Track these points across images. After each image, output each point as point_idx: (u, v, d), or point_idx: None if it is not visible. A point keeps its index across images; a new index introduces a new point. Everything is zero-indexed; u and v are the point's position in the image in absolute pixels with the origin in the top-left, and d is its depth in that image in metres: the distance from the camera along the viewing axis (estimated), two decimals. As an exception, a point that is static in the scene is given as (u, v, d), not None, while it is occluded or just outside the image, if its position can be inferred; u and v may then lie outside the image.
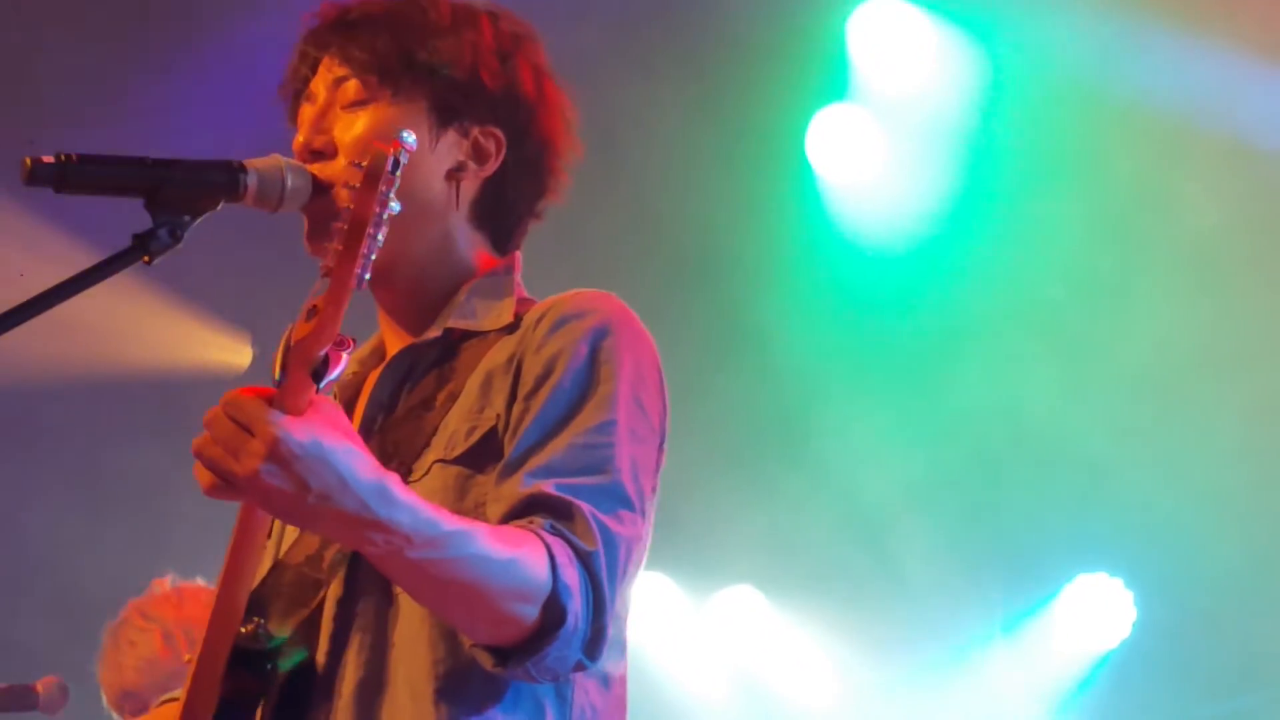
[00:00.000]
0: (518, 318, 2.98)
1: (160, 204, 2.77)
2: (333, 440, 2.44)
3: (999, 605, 8.90)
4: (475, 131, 3.07)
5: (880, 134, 8.39)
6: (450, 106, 3.05)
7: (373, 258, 2.44)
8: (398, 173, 2.43)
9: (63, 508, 8.44)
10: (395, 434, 2.89)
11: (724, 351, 8.26)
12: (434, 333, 3.00)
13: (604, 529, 2.70)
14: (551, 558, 2.61)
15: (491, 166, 3.08)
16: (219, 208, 2.83)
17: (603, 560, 2.68)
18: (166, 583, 5.61)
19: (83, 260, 2.77)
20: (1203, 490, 8.12)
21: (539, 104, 3.13)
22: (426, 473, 2.83)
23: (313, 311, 2.45)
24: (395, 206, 2.44)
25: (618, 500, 2.76)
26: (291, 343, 2.47)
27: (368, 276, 2.45)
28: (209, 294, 8.32)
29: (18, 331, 2.73)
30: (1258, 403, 8.10)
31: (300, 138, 3.04)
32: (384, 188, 2.43)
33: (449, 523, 2.54)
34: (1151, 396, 8.14)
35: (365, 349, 3.16)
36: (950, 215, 8.29)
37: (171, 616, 5.50)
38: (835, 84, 8.35)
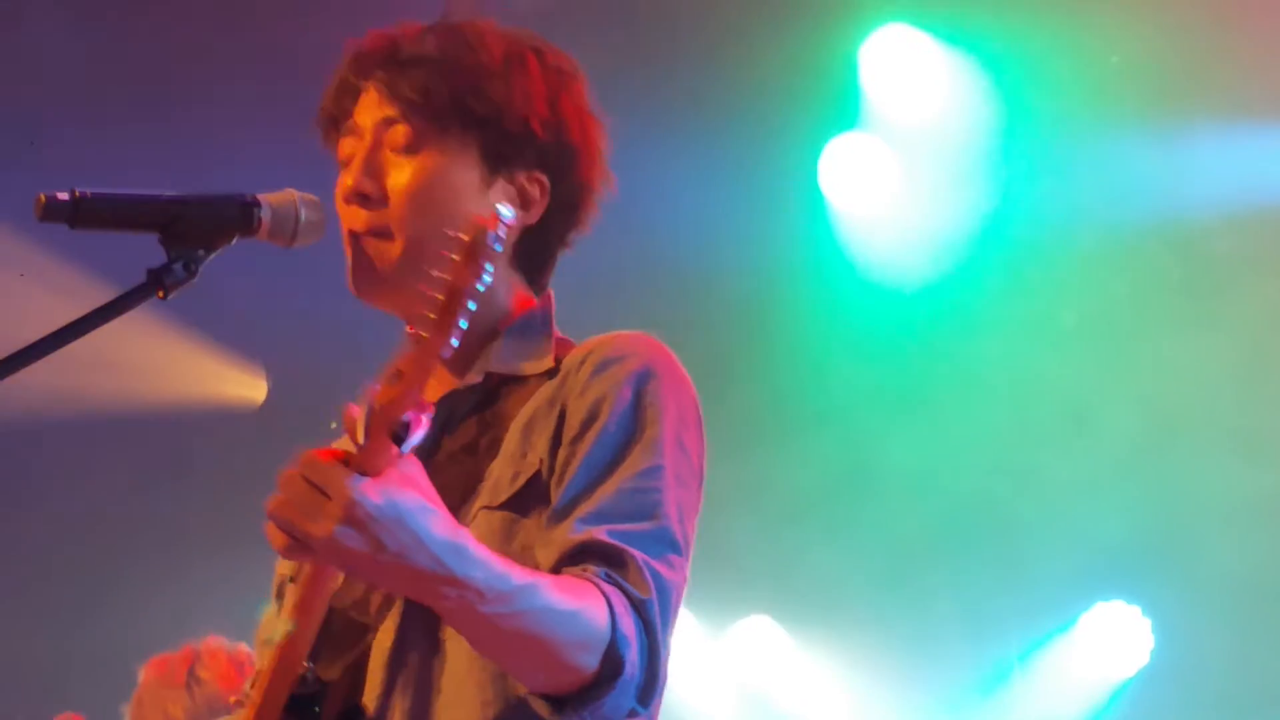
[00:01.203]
0: (557, 361, 2.99)
1: (174, 239, 2.77)
2: (409, 501, 2.45)
3: (1016, 634, 8.87)
4: (521, 177, 3.07)
5: (893, 162, 8.39)
6: (501, 155, 3.04)
7: (465, 327, 2.46)
8: (499, 247, 2.43)
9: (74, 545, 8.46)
10: (438, 479, 2.87)
11: (740, 385, 8.24)
12: (474, 378, 3.00)
13: (656, 576, 2.72)
14: (610, 608, 2.63)
15: (536, 213, 3.08)
16: (233, 242, 2.83)
17: (656, 608, 2.70)
18: (187, 656, 5.60)
19: (97, 296, 2.77)
20: (1221, 517, 8.10)
21: (583, 146, 3.12)
22: (473, 519, 2.83)
23: (397, 376, 2.45)
24: (488, 280, 2.44)
25: (667, 545, 2.78)
26: (374, 406, 2.45)
27: (456, 344, 2.45)
28: (224, 329, 8.33)
29: (33, 368, 2.73)
30: (1277, 430, 8.08)
31: (349, 180, 3.02)
32: (484, 261, 2.42)
33: (518, 576, 2.55)
34: (1169, 424, 8.13)
35: None
36: (963, 242, 8.28)
37: (185, 701, 5.50)
38: (847, 113, 8.36)
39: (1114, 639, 8.63)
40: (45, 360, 2.73)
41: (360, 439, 2.44)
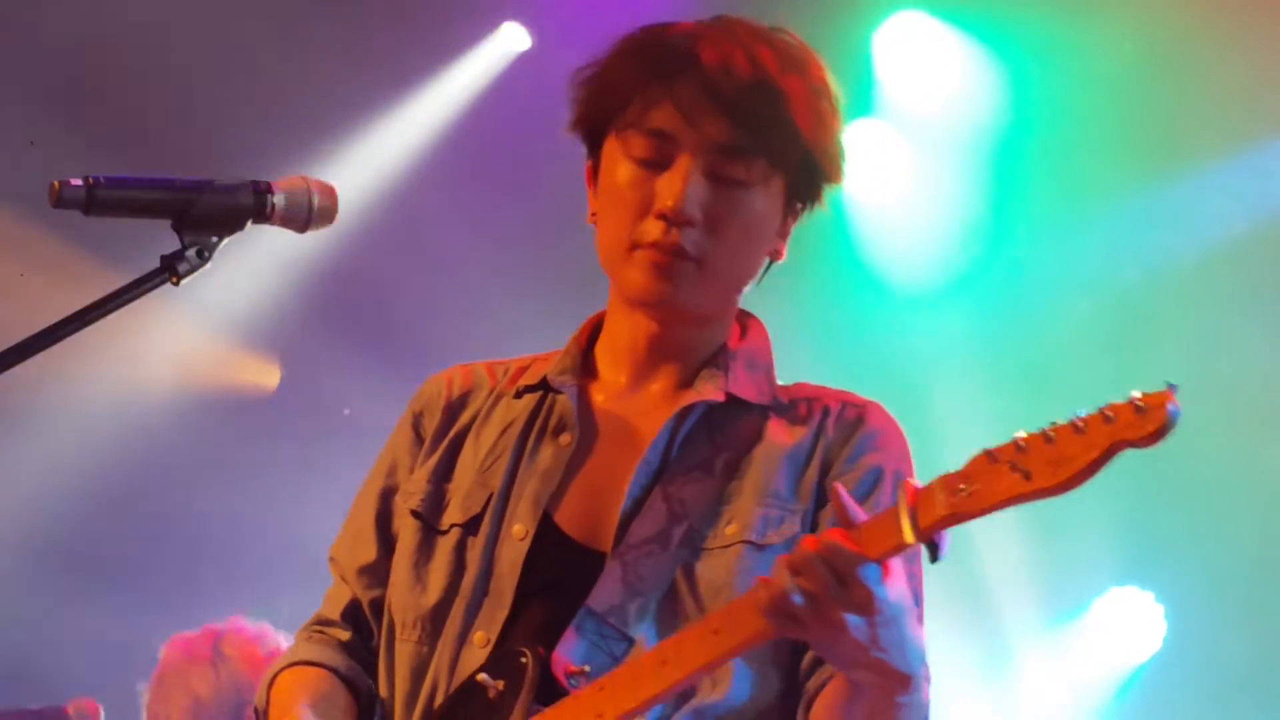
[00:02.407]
0: (788, 399, 3.08)
1: (188, 225, 2.78)
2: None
3: (1029, 620, 8.87)
4: (799, 208, 3.12)
5: (906, 150, 8.38)
6: (801, 195, 3.09)
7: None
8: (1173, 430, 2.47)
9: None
10: (680, 491, 2.93)
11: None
12: (716, 395, 3.02)
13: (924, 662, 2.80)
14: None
15: (786, 243, 3.14)
16: (246, 228, 2.84)
17: (926, 685, 2.79)
18: (209, 637, 5.60)
19: (110, 282, 2.78)
20: (1235, 503, 8.09)
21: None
22: (729, 547, 2.89)
23: (960, 490, 2.56)
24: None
25: (920, 626, 2.86)
26: (936, 511, 2.54)
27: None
28: (237, 315, 8.34)
29: (47, 354, 2.74)
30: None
31: (676, 202, 2.96)
32: (1158, 441, 2.54)
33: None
34: (1184, 407, 8.10)
35: (567, 358, 3.15)
36: (976, 231, 8.28)
37: (211, 679, 5.50)
38: (861, 100, 8.35)
39: (1127, 625, 8.63)
40: (59, 345, 2.73)
41: (909, 536, 2.51)
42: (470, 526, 3.02)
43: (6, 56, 7.79)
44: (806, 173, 3.04)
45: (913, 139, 8.38)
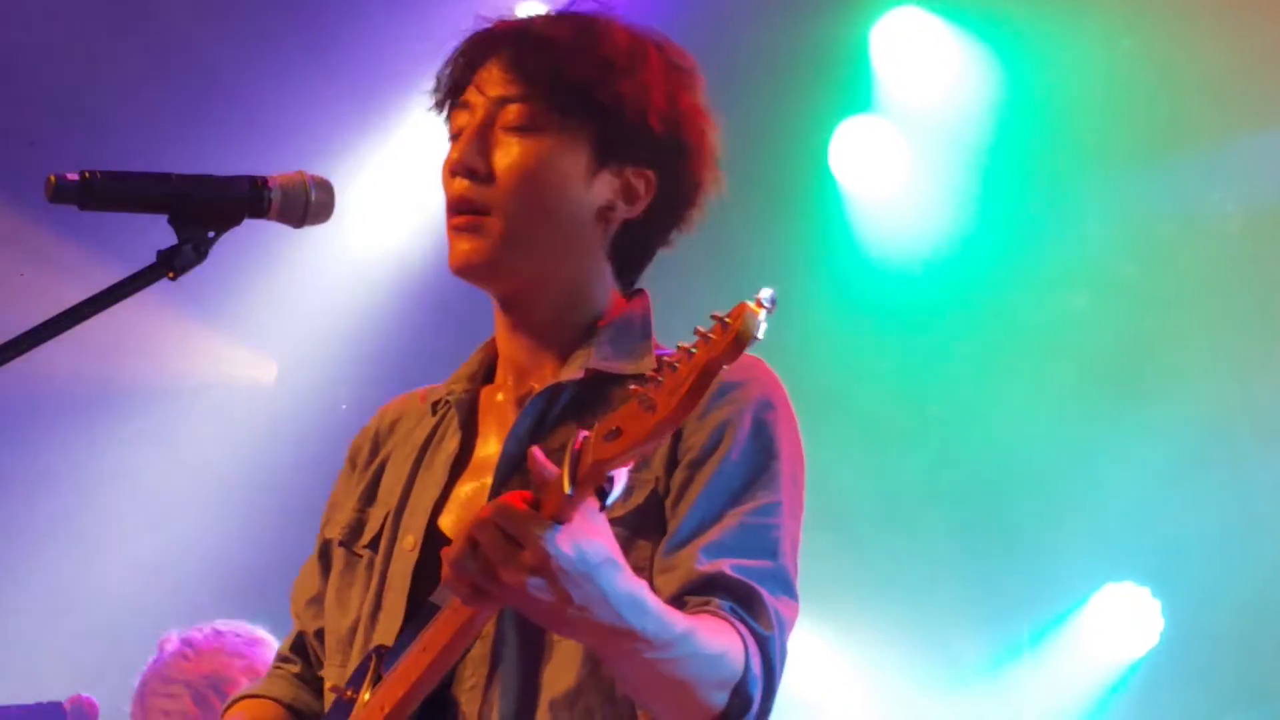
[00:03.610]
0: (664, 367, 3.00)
1: (184, 219, 2.78)
2: (597, 554, 2.46)
3: (1026, 616, 8.88)
4: (629, 172, 3.07)
5: (904, 145, 8.38)
6: (613, 147, 3.04)
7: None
8: (761, 335, 2.43)
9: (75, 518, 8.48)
10: None
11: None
12: (577, 373, 3.00)
13: (777, 615, 2.79)
14: (745, 646, 2.71)
15: (639, 208, 3.09)
16: (243, 223, 2.84)
17: (777, 645, 2.78)
18: (174, 640, 5.59)
19: (107, 277, 2.78)
20: (1231, 498, 8.10)
21: (699, 146, 3.14)
22: None
23: (615, 434, 2.43)
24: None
25: (783, 585, 2.84)
26: (587, 459, 2.44)
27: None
28: (234, 309, 8.34)
29: (43, 348, 2.74)
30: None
31: (455, 155, 3.03)
32: (745, 349, 2.43)
33: (680, 624, 2.61)
34: (1177, 404, 8.12)
35: (472, 364, 3.17)
36: (973, 226, 8.28)
37: (195, 674, 5.49)
38: (858, 95, 8.35)
39: (1124, 620, 8.63)
40: (56, 340, 2.73)
41: (567, 487, 2.43)
42: (374, 545, 3.08)
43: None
44: (608, 121, 3.03)
45: (910, 134, 8.38)
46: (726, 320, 2.41)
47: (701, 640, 2.63)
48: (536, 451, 2.51)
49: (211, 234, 2.80)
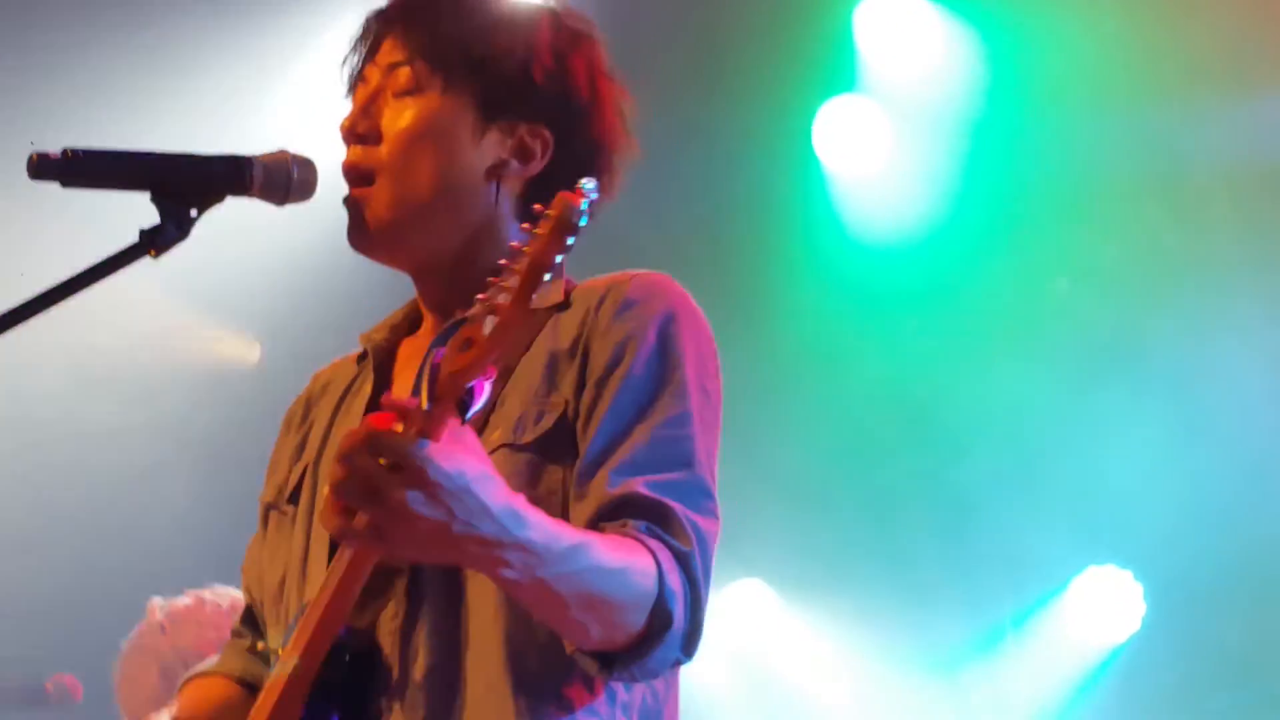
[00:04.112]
0: (568, 296, 2.98)
1: (166, 197, 2.76)
2: (473, 468, 2.43)
3: (1008, 599, 8.89)
4: (522, 130, 3.04)
5: (887, 125, 8.37)
6: (498, 102, 3.03)
7: (536, 299, 2.46)
8: (584, 222, 2.42)
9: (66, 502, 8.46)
10: None
11: (731, 346, 8.18)
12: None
13: (695, 528, 2.73)
14: (658, 563, 2.64)
15: (536, 166, 3.06)
16: (225, 200, 2.82)
17: (698, 559, 2.72)
18: (156, 609, 5.58)
19: (88, 255, 2.76)
20: (1213, 482, 8.11)
21: (593, 104, 3.11)
22: (492, 453, 2.78)
23: (468, 344, 2.44)
24: (567, 254, 2.45)
25: (701, 493, 2.79)
26: (442, 372, 2.44)
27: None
28: (216, 289, 8.31)
29: (22, 328, 2.72)
30: (1267, 395, 8.09)
31: (347, 121, 3.04)
32: (569, 237, 2.42)
33: (569, 537, 2.56)
34: (1160, 389, 8.13)
35: (397, 315, 3.17)
36: (957, 207, 8.28)
37: (166, 647, 5.48)
38: (842, 75, 8.34)
39: (1106, 604, 8.65)
40: (37, 319, 2.72)
41: (424, 403, 2.42)
42: (294, 499, 3.06)
43: None
44: (489, 75, 3.03)
45: (894, 114, 8.37)
46: (548, 212, 2.43)
47: (599, 554, 2.58)
48: (387, 397, 2.47)
49: (194, 212, 2.78)
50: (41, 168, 2.72)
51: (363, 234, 3.00)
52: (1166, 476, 8.15)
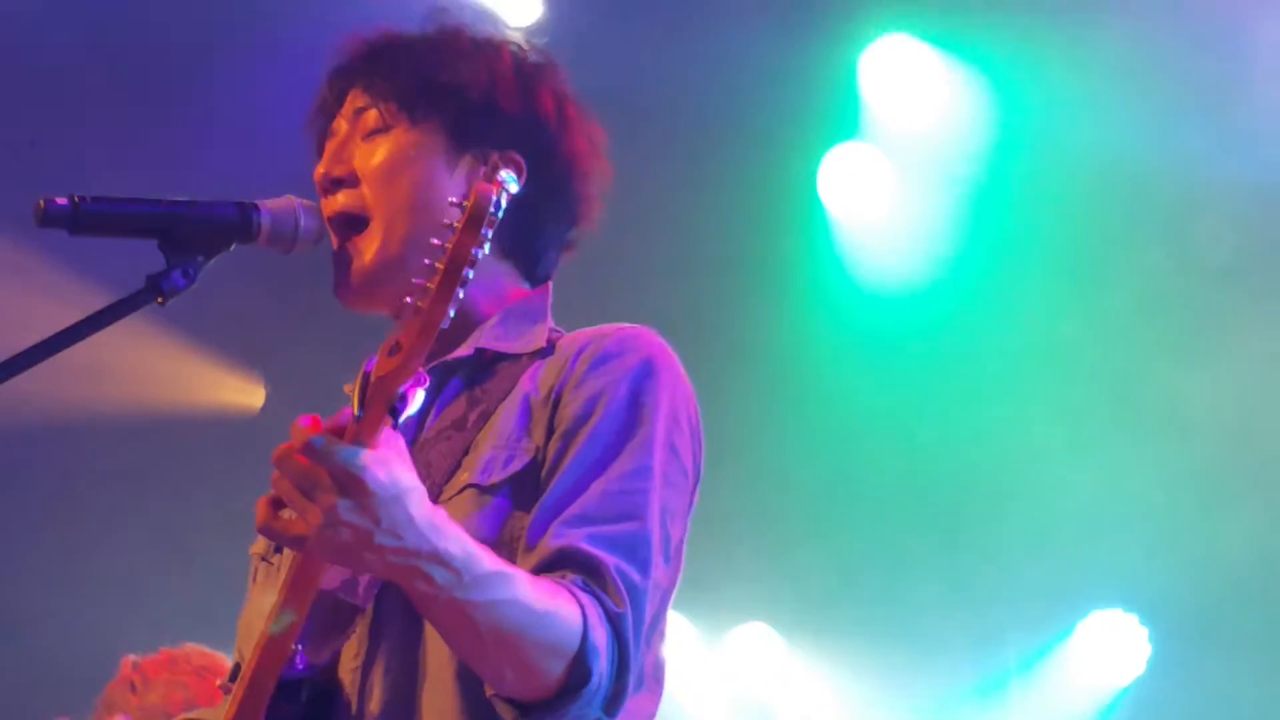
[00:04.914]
0: (551, 344, 2.97)
1: (174, 244, 2.78)
2: (406, 480, 2.43)
3: (1013, 642, 8.88)
4: (494, 156, 3.04)
5: (891, 172, 8.38)
6: (467, 130, 3.04)
7: (461, 296, 2.43)
8: (500, 214, 2.42)
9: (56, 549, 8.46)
10: (427, 454, 2.86)
11: (736, 391, 8.22)
12: (465, 351, 2.97)
13: (631, 587, 2.69)
14: (584, 616, 2.60)
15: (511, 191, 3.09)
16: (232, 248, 2.84)
17: (629, 620, 2.67)
18: (128, 665, 5.57)
19: (95, 302, 2.78)
20: (1218, 527, 8.10)
21: (561, 127, 3.11)
22: (459, 493, 2.80)
23: (396, 348, 2.43)
24: (488, 247, 2.43)
25: (646, 548, 2.75)
26: (372, 378, 2.44)
27: (453, 314, 2.43)
28: (221, 335, 8.32)
29: (29, 373, 2.73)
30: (1274, 441, 8.09)
31: (321, 168, 3.04)
32: (485, 229, 2.41)
33: (492, 563, 2.53)
34: (1164, 433, 8.13)
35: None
36: (961, 253, 8.28)
37: (134, 705, 5.47)
38: (847, 122, 8.35)
39: (1111, 647, 8.64)
40: (43, 365, 2.73)
41: (355, 409, 2.42)
42: (280, 548, 3.03)
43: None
44: (454, 104, 3.04)
45: (898, 160, 8.38)
46: (464, 204, 2.42)
47: (523, 591, 2.54)
48: (354, 390, 2.47)
49: (201, 258, 2.79)
50: (49, 216, 2.73)
51: (348, 287, 2.99)
52: (1171, 520, 8.15)
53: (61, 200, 2.73)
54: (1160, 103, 7.76)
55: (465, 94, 3.05)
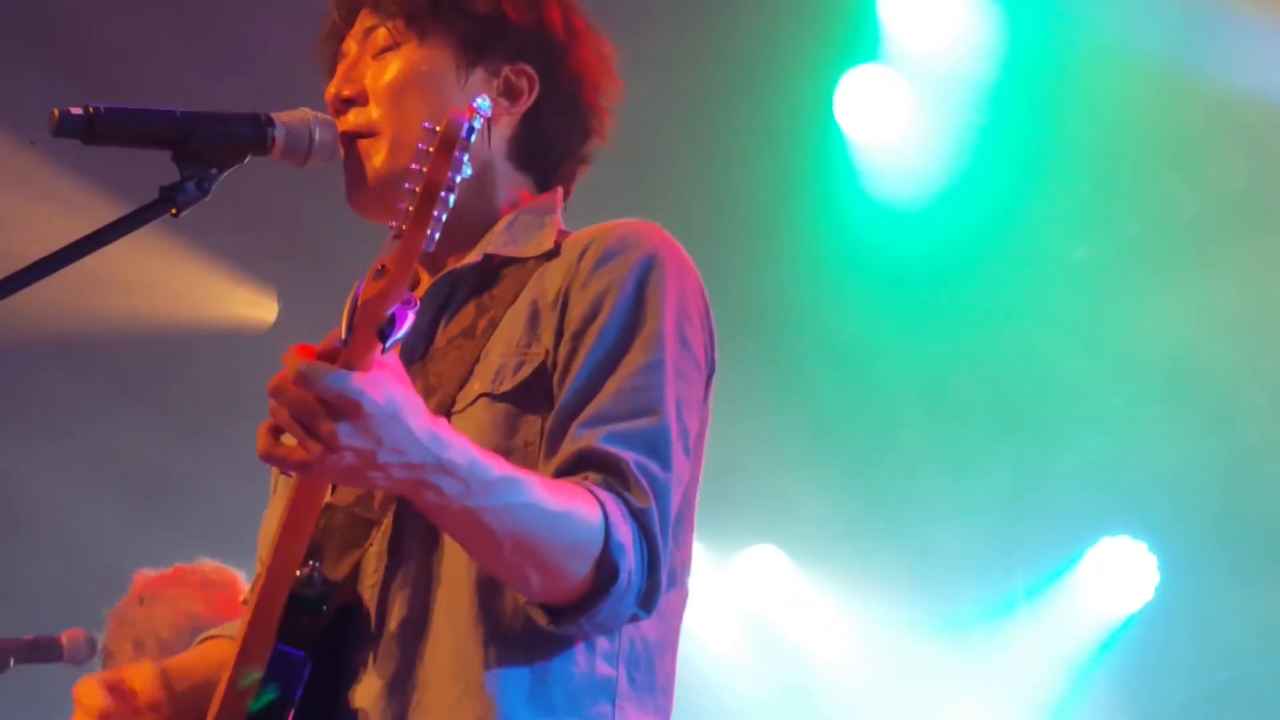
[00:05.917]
0: (558, 245, 2.97)
1: (188, 156, 2.77)
2: (401, 395, 2.43)
3: (1022, 568, 8.90)
4: (505, 69, 3.07)
5: (909, 95, 8.34)
6: (477, 44, 3.05)
7: (443, 219, 2.42)
8: (473, 138, 2.40)
9: (70, 466, 8.48)
10: (438, 365, 2.88)
11: (750, 316, 8.22)
12: (473, 258, 2.97)
13: (654, 481, 2.70)
14: (605, 514, 2.61)
15: (524, 104, 3.08)
16: (246, 161, 2.83)
17: (655, 515, 2.68)
18: (140, 581, 5.58)
19: (109, 213, 2.77)
20: (1229, 454, 8.11)
21: (570, 39, 3.12)
22: (472, 403, 2.81)
23: (381, 271, 2.43)
24: (467, 171, 2.41)
25: (665, 442, 2.75)
26: (359, 301, 2.43)
27: (437, 237, 2.42)
28: (234, 248, 8.32)
29: (42, 284, 2.73)
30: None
31: (331, 89, 3.06)
32: (458, 153, 2.40)
33: (500, 468, 2.53)
34: (1177, 359, 8.12)
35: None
36: (978, 175, 8.25)
37: (140, 619, 5.48)
38: (865, 45, 8.31)
39: (1119, 574, 8.66)
40: (57, 275, 2.73)
41: (343, 333, 2.42)
42: None
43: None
44: (463, 17, 3.06)
45: (916, 83, 8.33)
46: (436, 129, 2.41)
47: (536, 494, 2.55)
48: (344, 314, 2.46)
49: (215, 170, 2.78)
50: (64, 125, 2.72)
51: (362, 191, 3.00)
52: (1185, 448, 8.15)
53: (76, 110, 2.72)
54: (1178, 25, 7.71)
55: (473, 8, 3.06)
